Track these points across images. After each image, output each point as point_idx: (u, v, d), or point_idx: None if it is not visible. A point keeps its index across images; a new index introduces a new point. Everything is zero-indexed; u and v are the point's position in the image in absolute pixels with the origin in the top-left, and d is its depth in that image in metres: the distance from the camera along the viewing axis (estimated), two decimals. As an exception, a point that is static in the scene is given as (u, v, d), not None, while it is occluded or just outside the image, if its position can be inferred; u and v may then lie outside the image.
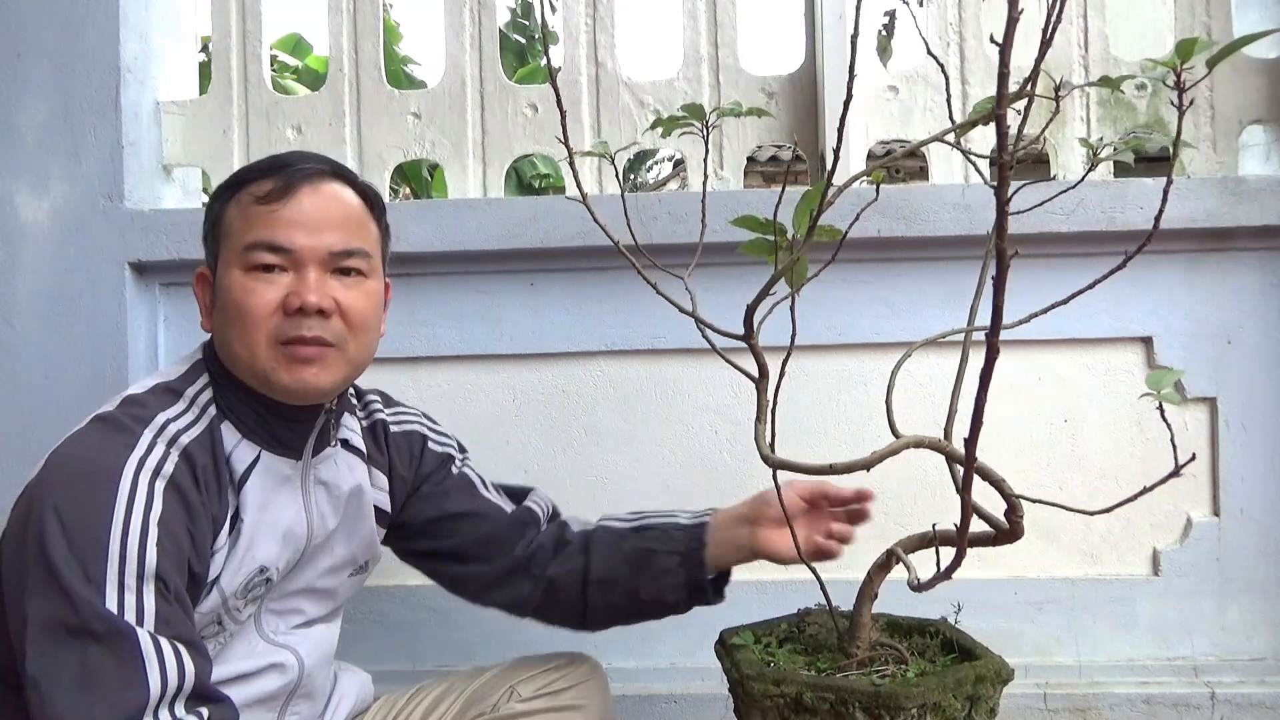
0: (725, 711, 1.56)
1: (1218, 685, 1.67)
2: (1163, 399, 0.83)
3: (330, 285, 1.04)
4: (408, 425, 1.29)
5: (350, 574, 1.21)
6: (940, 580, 1.00)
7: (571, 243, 1.70)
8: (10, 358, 1.76)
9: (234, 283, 1.02)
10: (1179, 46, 0.80)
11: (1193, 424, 1.73)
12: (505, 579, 1.25)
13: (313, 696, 1.17)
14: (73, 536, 0.88)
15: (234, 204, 1.05)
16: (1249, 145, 1.88)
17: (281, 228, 1.02)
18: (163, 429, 0.98)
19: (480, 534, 1.25)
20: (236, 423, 1.05)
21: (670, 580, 1.22)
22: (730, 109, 1.05)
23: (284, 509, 1.08)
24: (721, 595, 1.27)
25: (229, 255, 1.04)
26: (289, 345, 1.02)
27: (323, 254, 1.03)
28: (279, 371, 1.02)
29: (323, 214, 1.04)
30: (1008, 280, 0.78)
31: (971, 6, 1.83)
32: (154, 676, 0.87)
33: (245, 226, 1.03)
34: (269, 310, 1.01)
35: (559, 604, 1.26)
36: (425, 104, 1.91)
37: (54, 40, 1.76)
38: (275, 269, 1.02)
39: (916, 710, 0.95)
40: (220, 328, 1.05)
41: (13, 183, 1.76)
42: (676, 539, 1.22)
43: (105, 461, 0.93)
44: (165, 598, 0.91)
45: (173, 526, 0.93)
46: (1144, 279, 1.70)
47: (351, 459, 1.19)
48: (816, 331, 1.71)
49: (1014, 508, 0.97)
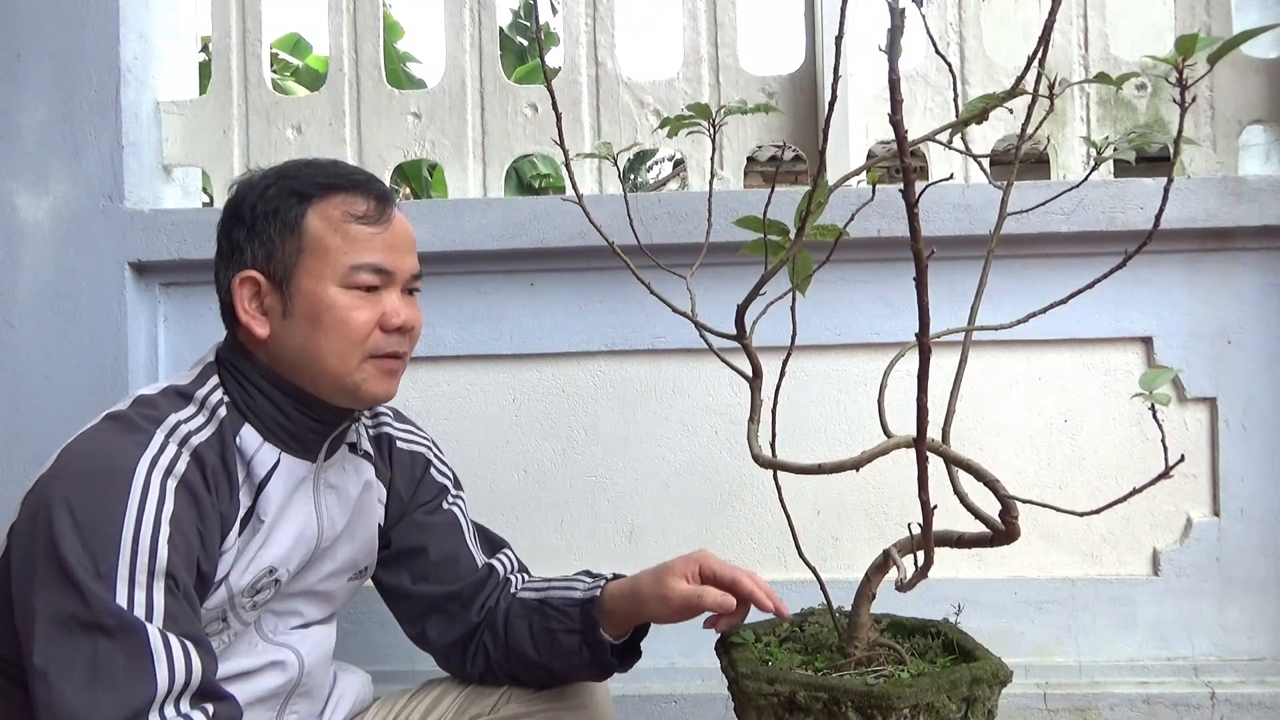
0: (725, 711, 1.56)
1: (1218, 685, 1.67)
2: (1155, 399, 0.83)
3: (405, 304, 1.10)
4: (415, 445, 1.30)
5: (349, 578, 1.21)
6: (918, 580, 1.00)
7: (571, 243, 1.70)
8: (10, 358, 1.76)
9: (334, 299, 1.04)
10: (1180, 43, 0.80)
11: (1193, 424, 1.73)
12: (454, 645, 1.25)
13: (312, 695, 1.18)
14: (85, 532, 0.89)
15: (319, 216, 1.05)
16: (1249, 145, 1.88)
17: (386, 252, 1.07)
18: (174, 429, 0.99)
19: (447, 589, 1.24)
20: (259, 425, 1.06)
21: (577, 659, 1.20)
22: (737, 107, 1.05)
23: (298, 511, 1.10)
24: (629, 664, 1.24)
25: (322, 269, 1.04)
26: (382, 359, 1.08)
27: (407, 276, 1.10)
28: (370, 383, 1.07)
29: (406, 239, 1.11)
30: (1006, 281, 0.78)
31: (971, 6, 1.84)
32: (162, 672, 0.88)
33: (348, 245, 1.04)
34: (371, 327, 1.06)
35: (493, 674, 1.25)
36: (425, 104, 1.91)
37: (54, 40, 1.77)
38: (374, 289, 1.06)
39: (909, 710, 0.95)
40: (304, 338, 1.04)
41: (13, 183, 1.77)
42: (572, 618, 1.20)
43: (118, 459, 0.94)
44: (174, 595, 0.92)
45: (184, 525, 0.94)
46: (1144, 279, 1.70)
47: (360, 462, 1.20)
48: (816, 331, 1.71)
49: (1008, 509, 0.97)
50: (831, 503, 1.76)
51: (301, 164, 1.11)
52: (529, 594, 1.25)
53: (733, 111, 1.04)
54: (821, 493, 1.72)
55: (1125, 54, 1.82)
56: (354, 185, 1.08)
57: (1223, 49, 0.79)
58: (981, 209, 1.65)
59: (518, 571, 1.30)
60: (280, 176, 1.08)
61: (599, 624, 1.18)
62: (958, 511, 1.02)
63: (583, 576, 1.26)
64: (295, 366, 1.06)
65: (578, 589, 1.23)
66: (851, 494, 1.75)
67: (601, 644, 1.18)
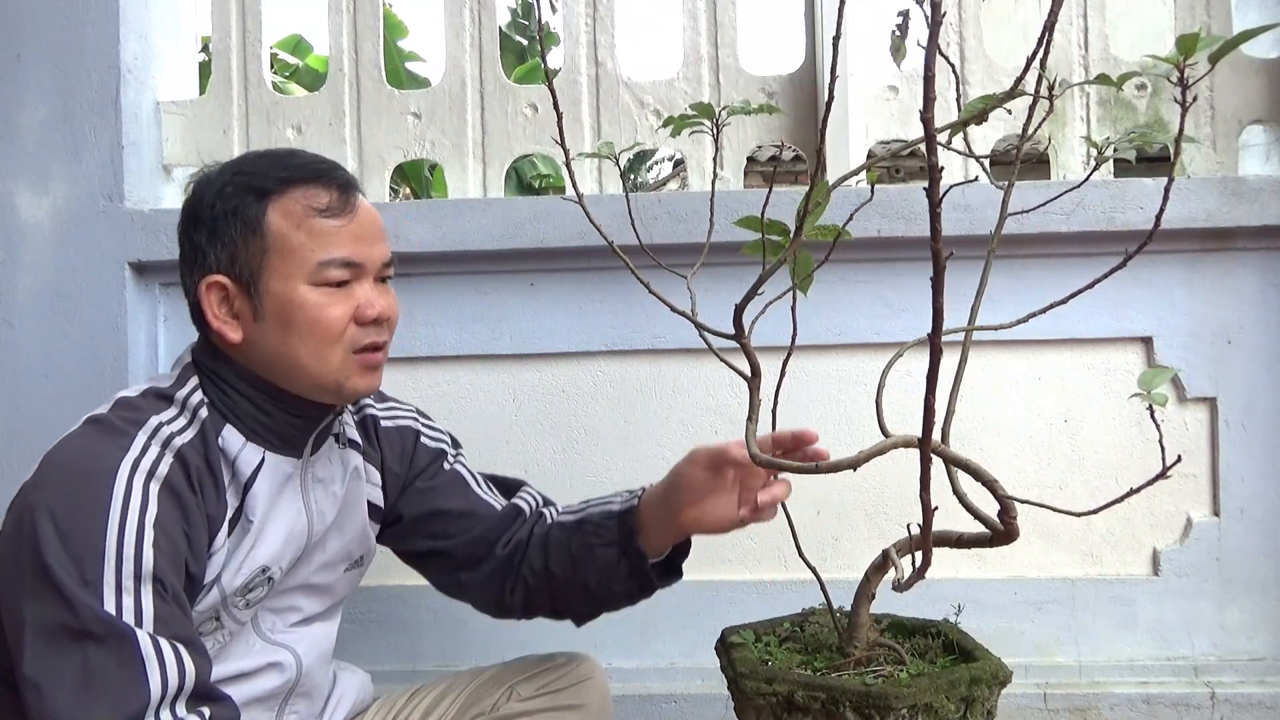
0: (725, 711, 1.56)
1: (1218, 685, 1.67)
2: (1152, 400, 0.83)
3: (380, 292, 1.07)
4: (400, 420, 1.28)
5: (346, 569, 1.20)
6: (915, 580, 1.00)
7: (571, 243, 1.70)
8: (10, 358, 1.76)
9: (305, 298, 1.01)
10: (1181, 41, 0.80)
11: (1193, 424, 1.73)
12: (487, 582, 1.26)
13: (311, 695, 1.17)
14: (68, 539, 0.88)
15: (280, 213, 1.02)
16: (1249, 145, 1.88)
17: (353, 244, 1.04)
18: (156, 431, 0.98)
19: (470, 536, 1.25)
20: (241, 426, 1.05)
21: (615, 573, 1.20)
22: (740, 107, 1.05)
23: (287, 508, 1.09)
24: (671, 579, 1.24)
25: (289, 269, 1.01)
26: (362, 354, 1.05)
27: (378, 265, 1.07)
28: (353, 379, 1.05)
29: (373, 227, 1.07)
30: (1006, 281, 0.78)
31: (971, 7, 1.84)
32: (155, 677, 0.87)
33: (313, 241, 1.01)
34: (346, 323, 1.03)
35: (533, 603, 1.26)
36: (425, 104, 1.91)
37: (54, 40, 1.77)
38: (345, 283, 1.04)
39: (907, 710, 0.95)
40: (278, 340, 1.02)
41: (13, 183, 1.77)
42: (610, 530, 1.20)
43: (100, 463, 0.93)
44: (163, 598, 0.91)
45: (169, 527, 0.93)
46: (1144, 279, 1.70)
47: (347, 453, 1.19)
48: (816, 331, 1.71)
49: (1006, 509, 0.97)
50: (831, 503, 1.76)
51: (257, 157, 1.08)
52: (568, 517, 1.26)
53: (735, 111, 1.04)
54: (821, 493, 1.72)
55: (1125, 54, 1.82)
56: (314, 176, 1.04)
57: (1223, 48, 0.79)
58: (981, 209, 1.65)
59: (547, 505, 1.31)
60: (237, 173, 1.05)
61: (636, 534, 1.18)
62: (958, 511, 1.02)
63: (621, 492, 1.26)
64: (273, 368, 1.04)
65: (615, 503, 1.24)
66: (851, 494, 1.75)
67: (640, 554, 1.18)
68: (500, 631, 1.74)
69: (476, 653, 1.72)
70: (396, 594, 1.78)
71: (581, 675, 1.28)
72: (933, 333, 0.82)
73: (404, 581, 1.78)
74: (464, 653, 1.75)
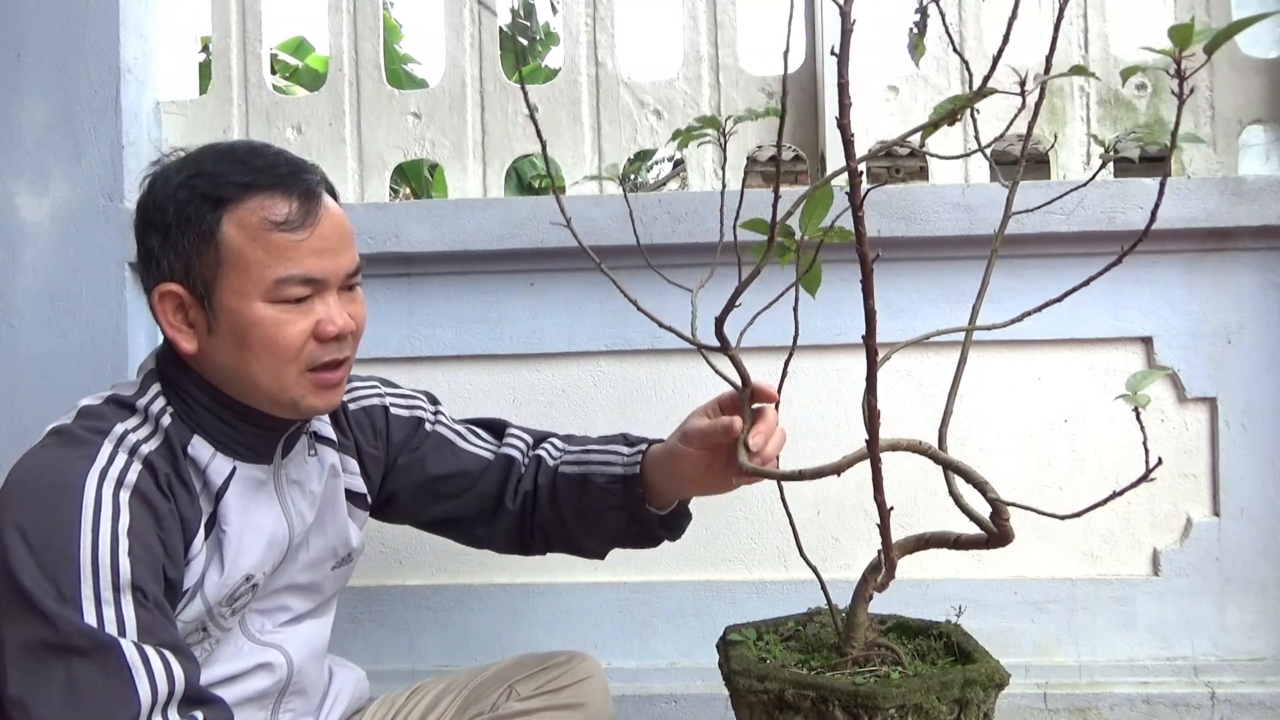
0: (725, 711, 1.56)
1: (1218, 685, 1.67)
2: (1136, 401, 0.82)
3: (343, 303, 1.03)
4: (366, 400, 1.25)
5: (333, 566, 1.19)
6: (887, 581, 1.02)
7: (571, 243, 1.68)
8: (10, 357, 1.76)
9: (261, 316, 0.97)
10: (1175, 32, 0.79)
11: (1193, 424, 1.73)
12: (507, 536, 1.28)
13: (305, 693, 1.16)
14: (40, 556, 0.87)
15: (235, 225, 0.97)
16: (1249, 145, 1.88)
17: (312, 259, 0.98)
18: (122, 439, 0.96)
19: (471, 493, 1.26)
20: (208, 437, 1.03)
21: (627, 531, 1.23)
22: (745, 115, 1.04)
23: (264, 515, 1.07)
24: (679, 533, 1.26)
25: (244, 285, 0.96)
26: (319, 371, 1.02)
27: (342, 277, 1.02)
28: (309, 398, 1.02)
29: (337, 236, 1.02)
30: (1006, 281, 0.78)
31: (971, 6, 1.84)
32: (143, 685, 0.86)
33: (270, 257, 0.96)
34: (303, 341, 0.99)
35: (555, 548, 1.29)
36: (425, 104, 1.91)
37: (54, 40, 1.76)
38: (304, 299, 0.99)
39: (895, 711, 0.95)
40: (232, 356, 0.99)
41: (13, 183, 1.76)
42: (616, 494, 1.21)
43: (66, 476, 0.91)
44: (144, 606, 0.89)
45: (143, 535, 0.92)
46: (1144, 279, 1.70)
47: (321, 449, 1.16)
48: (816, 331, 1.70)
49: (999, 511, 0.97)
50: (831, 503, 1.76)
51: (216, 156, 1.01)
52: (570, 468, 1.25)
53: (742, 119, 1.04)
54: (821, 493, 1.72)
55: (1126, 54, 1.82)
56: (273, 183, 0.98)
57: (1218, 38, 0.79)
58: (982, 209, 1.65)
59: (540, 445, 1.30)
60: (192, 175, 0.99)
61: (644, 499, 1.19)
62: (958, 512, 1.02)
63: (620, 447, 1.25)
64: (229, 383, 1.01)
65: (617, 464, 1.22)
66: (851, 494, 1.75)
67: (648, 518, 1.20)
68: (500, 631, 1.74)
69: (476, 652, 1.72)
70: (396, 594, 1.78)
71: (581, 674, 1.28)
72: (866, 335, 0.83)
73: (404, 581, 1.78)
74: (463, 652, 1.74)
